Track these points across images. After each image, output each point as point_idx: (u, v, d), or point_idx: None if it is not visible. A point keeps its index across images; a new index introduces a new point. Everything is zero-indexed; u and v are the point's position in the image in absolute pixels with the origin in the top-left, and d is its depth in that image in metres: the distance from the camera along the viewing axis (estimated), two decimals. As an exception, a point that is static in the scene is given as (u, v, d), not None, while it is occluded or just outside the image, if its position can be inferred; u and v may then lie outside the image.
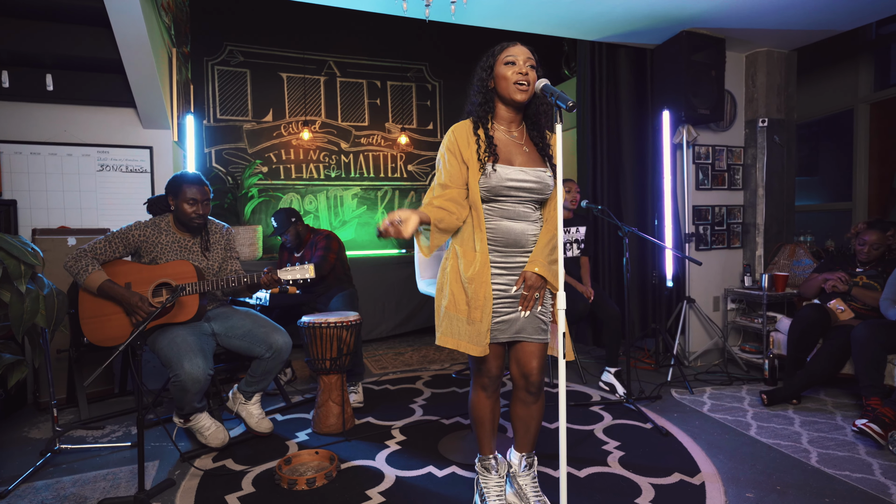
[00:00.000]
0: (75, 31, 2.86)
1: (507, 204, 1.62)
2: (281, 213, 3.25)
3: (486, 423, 1.75)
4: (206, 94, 4.65)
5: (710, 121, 3.54)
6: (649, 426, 2.55)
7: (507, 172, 1.58)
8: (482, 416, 1.74)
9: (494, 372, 1.69)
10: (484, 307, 1.57)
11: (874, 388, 2.45)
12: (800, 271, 3.58)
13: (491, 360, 1.67)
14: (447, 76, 5.51)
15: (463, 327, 1.60)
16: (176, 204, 2.35)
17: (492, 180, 1.57)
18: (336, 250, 3.18)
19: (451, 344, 1.61)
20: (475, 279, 1.57)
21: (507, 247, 1.63)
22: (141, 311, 2.19)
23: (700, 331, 3.68)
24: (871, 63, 4.42)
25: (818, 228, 4.62)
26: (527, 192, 1.61)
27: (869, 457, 2.18)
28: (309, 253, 3.22)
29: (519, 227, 1.62)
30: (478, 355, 1.59)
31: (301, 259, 3.26)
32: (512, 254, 1.63)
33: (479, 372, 1.70)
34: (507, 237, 1.62)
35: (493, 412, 1.75)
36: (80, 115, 3.18)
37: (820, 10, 3.05)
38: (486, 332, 1.58)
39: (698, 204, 3.72)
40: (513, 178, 1.58)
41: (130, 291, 2.22)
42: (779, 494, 1.90)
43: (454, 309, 1.61)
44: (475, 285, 1.57)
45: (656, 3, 2.93)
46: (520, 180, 1.59)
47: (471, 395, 1.77)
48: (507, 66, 1.59)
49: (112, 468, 2.20)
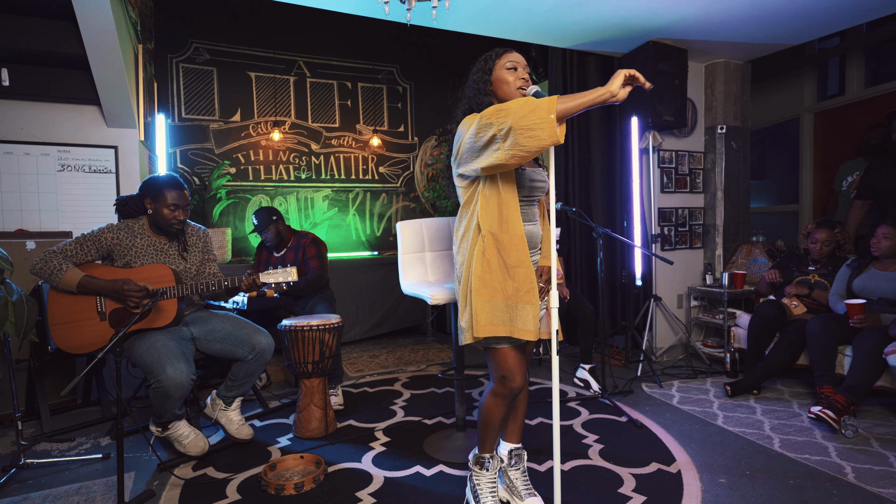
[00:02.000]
0: (35, 24, 2.72)
1: (523, 206, 1.66)
2: (262, 211, 3.18)
3: (495, 427, 1.72)
4: (171, 92, 4.50)
5: (674, 127, 3.72)
6: (624, 419, 2.66)
7: (529, 172, 1.65)
8: (493, 422, 1.71)
9: (518, 382, 1.62)
10: (534, 290, 1.56)
11: (827, 377, 2.65)
12: (756, 269, 3.81)
13: (515, 367, 1.61)
14: (418, 79, 5.54)
15: (511, 313, 1.54)
16: (155, 208, 2.27)
17: (521, 179, 1.63)
18: (325, 256, 3.17)
19: (504, 331, 1.54)
20: (522, 263, 1.55)
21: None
22: (133, 295, 2.10)
23: (666, 327, 3.85)
24: (814, 76, 4.76)
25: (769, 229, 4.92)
26: (539, 191, 1.69)
27: (825, 440, 2.36)
28: (291, 255, 3.17)
29: (535, 230, 1.71)
30: (532, 339, 1.55)
31: (282, 259, 3.20)
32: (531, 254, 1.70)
33: (503, 381, 1.63)
34: (529, 240, 1.68)
35: (505, 417, 1.73)
36: (39, 112, 3.02)
37: (773, 26, 3.27)
38: (536, 316, 1.55)
39: (663, 206, 3.89)
40: (534, 179, 1.66)
41: (113, 280, 2.12)
42: (748, 478, 2.02)
43: (501, 296, 1.55)
44: (524, 269, 1.55)
45: (627, 15, 3.06)
46: (538, 180, 1.67)
47: (485, 400, 1.71)
48: (510, 71, 1.63)
49: (84, 482, 2.10)
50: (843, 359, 2.71)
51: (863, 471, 2.06)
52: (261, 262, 3.30)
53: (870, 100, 4.24)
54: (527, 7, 2.92)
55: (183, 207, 2.29)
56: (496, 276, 1.56)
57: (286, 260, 3.18)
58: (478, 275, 1.57)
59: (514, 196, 1.58)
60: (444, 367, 3.71)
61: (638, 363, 3.51)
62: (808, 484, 1.97)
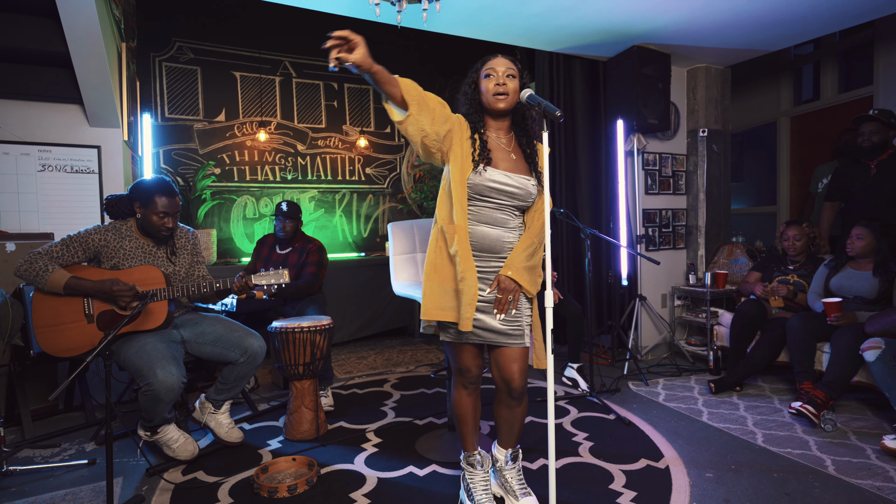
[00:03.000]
0: (15, 21, 2.66)
1: (486, 208, 1.67)
2: (293, 203, 3.27)
3: (468, 421, 1.80)
4: (154, 91, 4.42)
5: (658, 130, 3.79)
6: (612, 417, 2.70)
7: (492, 174, 1.64)
8: (465, 414, 1.80)
9: (474, 372, 1.76)
10: (470, 279, 1.61)
11: (806, 374, 2.73)
12: (737, 269, 3.90)
13: (469, 361, 1.73)
14: (404, 80, 5.53)
15: (450, 299, 1.65)
16: (144, 213, 2.23)
17: (476, 178, 1.63)
18: (326, 265, 3.20)
19: (435, 316, 1.65)
20: (460, 251, 1.62)
21: (482, 251, 1.67)
22: (124, 296, 2.07)
23: (650, 326, 3.92)
24: (790, 81, 4.90)
25: (747, 230, 5.06)
26: (507, 196, 1.66)
27: (806, 435, 2.44)
28: (295, 256, 3.16)
29: (495, 234, 1.67)
30: (463, 329, 1.62)
31: (284, 258, 3.19)
32: (487, 259, 1.68)
33: (459, 373, 1.76)
34: (481, 242, 1.66)
35: (475, 409, 1.81)
36: (19, 110, 2.95)
37: (752, 33, 3.37)
38: (470, 304, 1.60)
39: (647, 207, 3.97)
40: (496, 181, 1.64)
41: (102, 280, 2.08)
42: (734, 473, 2.08)
43: (441, 279, 1.66)
44: (460, 258, 1.62)
45: (613, 19, 3.12)
46: (502, 183, 1.65)
47: (452, 394, 1.83)
48: (487, 78, 1.66)
49: (70, 488, 2.06)
50: (821, 355, 2.80)
51: (842, 463, 2.13)
52: (259, 259, 3.27)
53: (843, 104, 4.39)
54: (516, 11, 2.95)
55: (172, 215, 2.26)
56: (442, 261, 1.67)
57: (288, 259, 3.17)
58: (430, 260, 1.70)
59: (461, 193, 1.64)
60: (433, 368, 3.72)
61: (624, 362, 3.57)
62: (790, 477, 2.03)
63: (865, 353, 2.45)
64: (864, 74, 4.27)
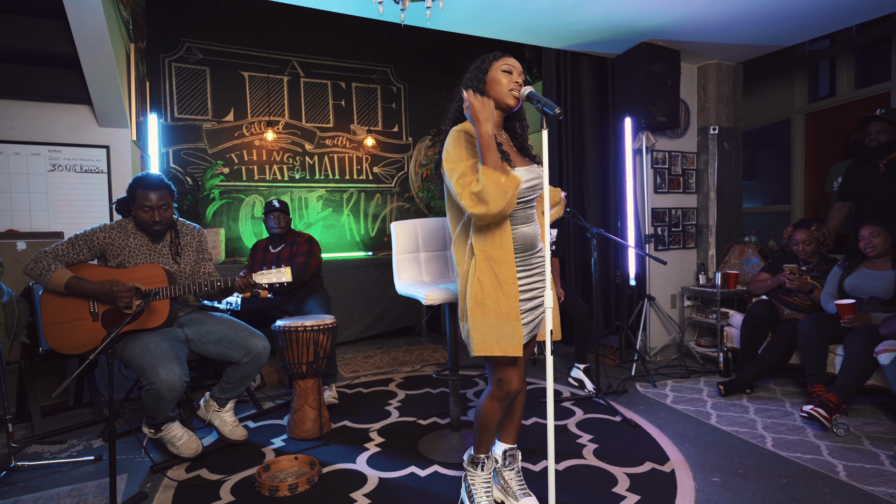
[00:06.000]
0: (25, 23, 2.70)
1: (520, 210, 1.65)
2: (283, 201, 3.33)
3: (491, 430, 1.74)
4: (163, 91, 4.47)
5: (667, 128, 3.73)
6: (618, 419, 2.67)
7: (521, 175, 1.59)
8: (490, 424, 1.73)
9: (516, 386, 1.66)
10: (517, 305, 1.61)
11: (818, 376, 2.67)
12: (748, 269, 3.83)
13: (513, 372, 1.65)
14: (412, 79, 5.53)
15: (507, 331, 1.58)
16: (133, 209, 2.24)
17: None
18: (317, 255, 3.19)
19: (499, 351, 1.56)
20: (511, 279, 1.60)
21: (525, 251, 1.67)
22: (123, 296, 2.07)
23: (659, 327, 3.87)
24: (805, 77, 4.80)
25: (760, 229, 4.96)
26: (532, 190, 1.65)
27: (817, 439, 2.38)
28: (287, 251, 3.19)
29: (531, 231, 1.68)
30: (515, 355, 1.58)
31: (278, 255, 3.22)
32: (528, 256, 1.68)
33: (499, 385, 1.66)
34: (525, 242, 1.66)
35: (501, 420, 1.76)
36: (29, 111, 2.99)
37: (764, 28, 3.30)
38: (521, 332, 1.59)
39: (656, 206, 3.91)
40: (525, 180, 1.61)
41: (101, 281, 2.09)
42: (741, 477, 2.04)
43: (496, 315, 1.57)
44: (511, 285, 1.59)
45: (620, 16, 3.07)
46: (528, 180, 1.63)
47: (483, 403, 1.73)
48: (505, 73, 1.64)
49: (76, 484, 2.08)
50: (834, 358, 2.74)
51: (854, 469, 2.08)
52: (255, 262, 3.30)
53: (860, 101, 4.28)
54: (522, 8, 2.92)
55: (158, 208, 2.22)
56: (489, 295, 1.58)
57: (282, 256, 3.21)
58: (472, 294, 1.60)
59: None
60: (439, 368, 3.71)
61: (632, 363, 3.52)
62: (800, 482, 1.98)
63: (880, 356, 2.39)
64: (881, 70, 4.16)
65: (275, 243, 3.29)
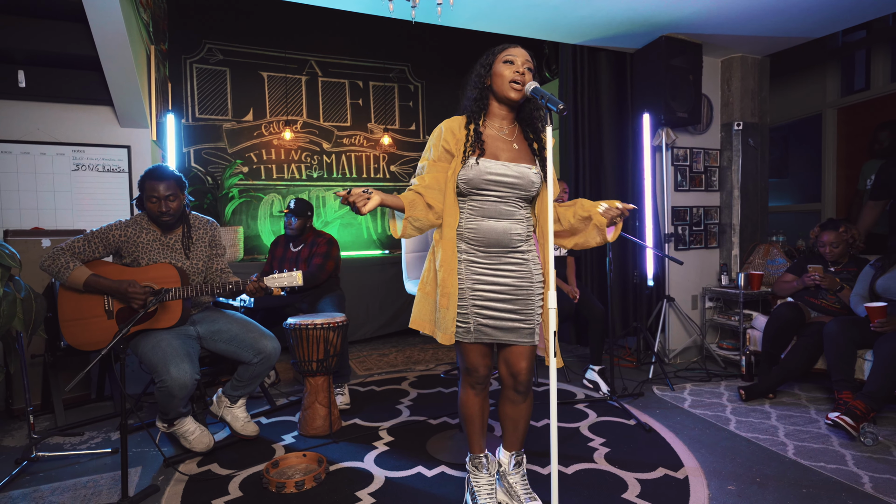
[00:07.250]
0: (49, 27, 2.78)
1: (487, 201, 1.62)
2: (302, 200, 3.31)
3: (475, 421, 1.77)
4: (185, 92, 4.56)
5: (688, 124, 3.62)
6: (633, 423, 2.60)
7: (489, 166, 1.59)
8: (471, 414, 1.76)
9: (482, 372, 1.71)
10: (451, 295, 1.59)
11: (846, 382, 2.55)
12: (773, 270, 3.70)
13: (478, 361, 1.69)
14: (430, 77, 5.52)
15: (432, 311, 1.66)
16: (144, 202, 2.29)
17: (470, 173, 1.59)
18: (336, 257, 3.18)
19: (418, 326, 1.67)
20: (444, 265, 1.62)
21: (489, 246, 1.62)
22: (138, 297, 2.12)
23: (679, 329, 3.77)
24: (837, 69, 4.60)
25: (789, 228, 4.77)
26: (507, 187, 1.61)
27: (842, 448, 2.27)
28: (306, 251, 3.19)
29: (502, 226, 1.62)
30: (443, 343, 1.62)
31: (297, 255, 3.22)
32: (498, 254, 1.62)
33: (467, 372, 1.72)
34: (488, 237, 1.61)
35: (483, 410, 1.78)
36: (54, 112, 3.08)
37: (792, 19, 3.16)
38: (451, 320, 1.60)
39: (677, 205, 3.81)
40: (493, 172, 1.59)
41: (119, 280, 2.14)
42: (759, 486, 1.96)
43: (425, 290, 1.68)
44: (444, 272, 1.62)
45: (638, 9, 2.99)
46: (500, 174, 1.60)
47: (460, 394, 1.80)
48: (506, 64, 1.61)
49: (92, 475, 2.14)
50: (863, 363, 2.61)
51: (881, 481, 1.98)
52: (275, 259, 3.32)
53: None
54: (535, 2, 2.87)
55: (164, 198, 2.24)
56: (430, 273, 1.68)
57: (301, 255, 3.21)
58: (422, 274, 1.72)
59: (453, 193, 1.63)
60: (451, 367, 3.70)
61: (650, 365, 3.44)
62: (821, 493, 1.90)
63: (911, 362, 2.27)
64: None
65: (295, 242, 3.30)
